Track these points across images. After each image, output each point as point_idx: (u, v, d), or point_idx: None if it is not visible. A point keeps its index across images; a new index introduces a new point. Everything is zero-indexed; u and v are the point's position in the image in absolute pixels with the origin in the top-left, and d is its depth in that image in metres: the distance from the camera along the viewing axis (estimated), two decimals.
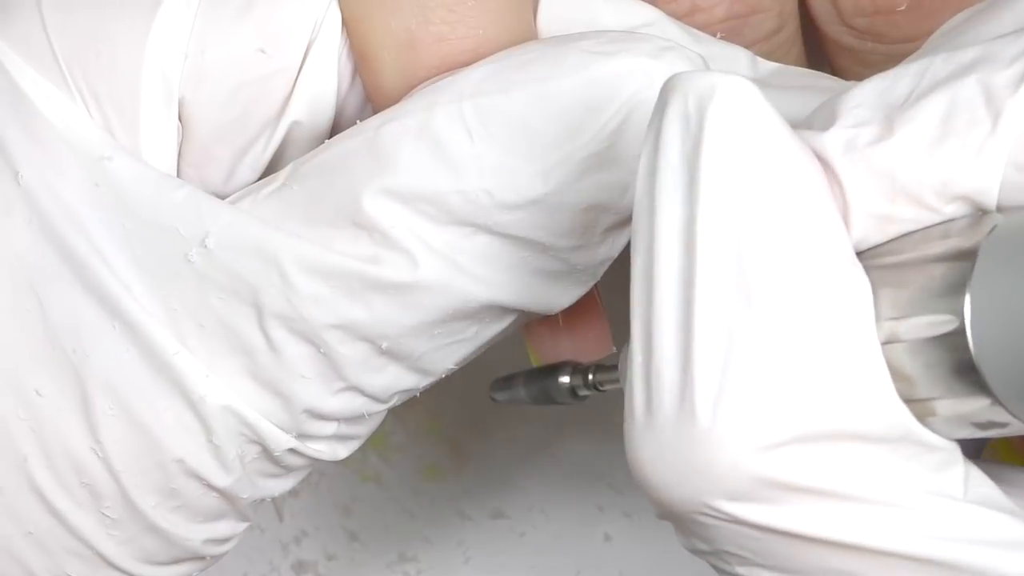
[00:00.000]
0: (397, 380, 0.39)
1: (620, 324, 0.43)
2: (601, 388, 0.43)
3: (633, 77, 0.37)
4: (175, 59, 0.39)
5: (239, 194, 0.39)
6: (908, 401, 0.32)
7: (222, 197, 0.39)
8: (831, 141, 0.33)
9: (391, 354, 0.38)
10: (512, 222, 0.37)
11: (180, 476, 0.39)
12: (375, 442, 0.60)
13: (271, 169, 0.40)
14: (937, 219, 0.33)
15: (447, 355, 0.39)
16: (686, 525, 0.33)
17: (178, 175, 0.40)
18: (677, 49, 0.38)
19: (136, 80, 0.39)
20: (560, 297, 0.39)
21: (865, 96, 0.34)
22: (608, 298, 0.43)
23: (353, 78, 0.40)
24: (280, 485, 0.41)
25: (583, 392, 0.44)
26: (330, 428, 0.40)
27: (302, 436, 0.39)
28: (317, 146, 0.40)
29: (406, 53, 0.39)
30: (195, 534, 0.40)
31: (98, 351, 0.38)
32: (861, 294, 0.32)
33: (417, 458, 0.60)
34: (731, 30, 0.44)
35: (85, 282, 0.38)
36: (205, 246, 0.38)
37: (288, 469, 0.41)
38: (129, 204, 0.38)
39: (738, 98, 0.32)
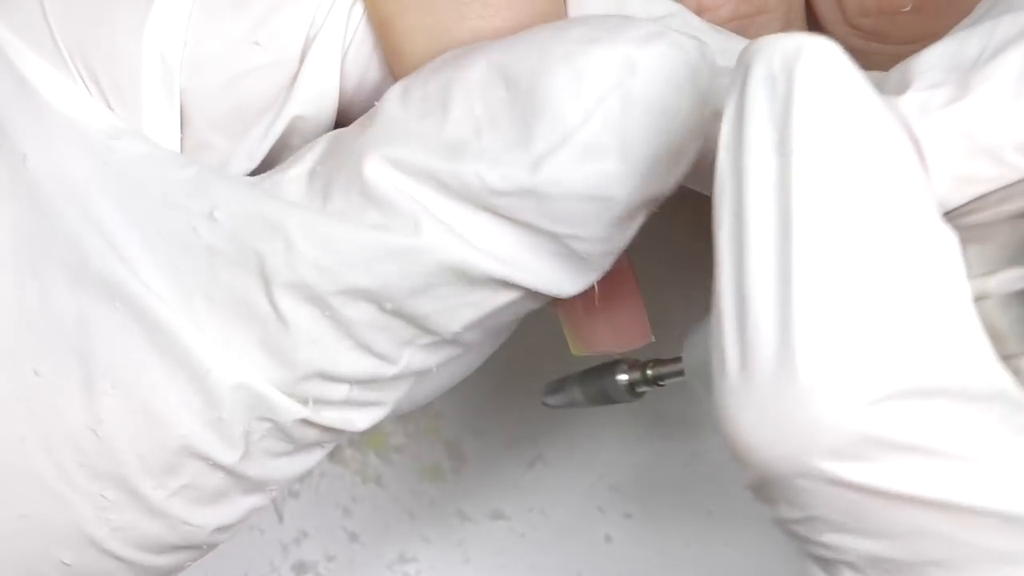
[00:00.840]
0: (405, 338, 0.39)
1: (658, 315, 0.43)
2: (660, 383, 0.43)
3: (616, 66, 0.37)
4: (174, 45, 0.39)
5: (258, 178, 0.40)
6: (1000, 358, 0.32)
7: None
8: (907, 105, 0.33)
9: (396, 314, 0.38)
10: (506, 205, 0.37)
11: (183, 456, 0.39)
12: (375, 443, 0.60)
13: (271, 159, 0.41)
14: (1017, 176, 0.33)
15: (453, 317, 0.39)
16: (779, 490, 0.33)
17: None
18: (667, 35, 0.37)
19: (136, 67, 0.39)
20: (565, 281, 0.39)
21: (935, 59, 0.34)
22: (646, 291, 0.43)
23: (362, 78, 0.40)
24: (292, 465, 0.41)
25: (642, 388, 0.44)
26: (342, 391, 0.39)
27: (315, 402, 0.39)
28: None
29: (442, 50, 0.39)
30: (196, 519, 0.40)
31: (100, 332, 0.38)
32: (951, 250, 0.32)
33: (417, 458, 0.60)
34: (737, 30, 0.44)
35: (88, 263, 0.38)
36: (213, 218, 0.38)
37: (299, 445, 0.40)
38: (137, 183, 0.38)
39: (825, 57, 0.32)
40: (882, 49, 0.45)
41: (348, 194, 0.38)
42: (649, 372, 0.43)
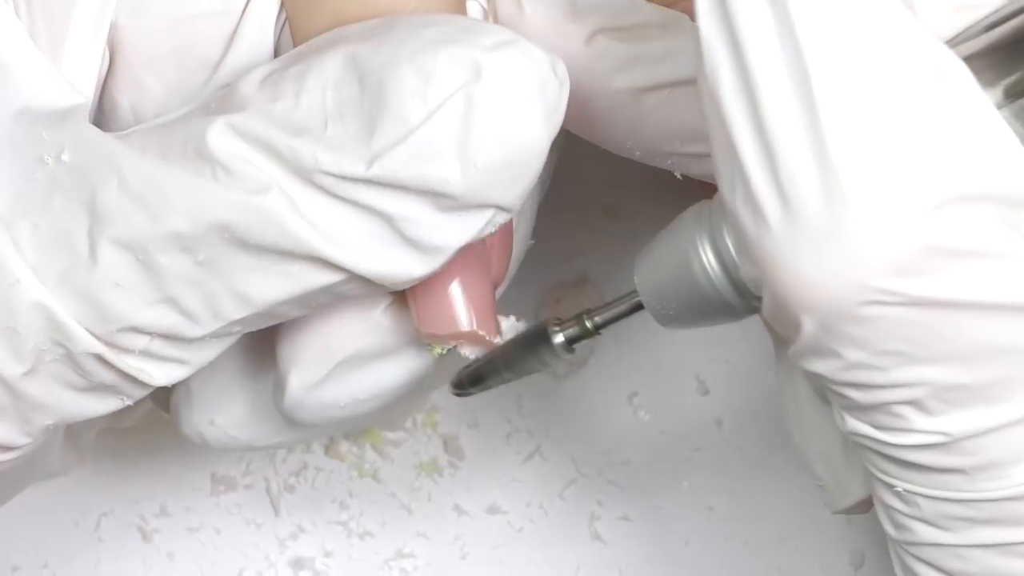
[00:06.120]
0: (214, 298, 0.38)
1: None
2: (600, 331, 0.42)
3: (462, 70, 0.37)
4: None
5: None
6: None
7: None
8: None
9: (209, 268, 0.38)
10: (336, 186, 0.37)
11: None
12: (371, 437, 0.60)
13: None
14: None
15: (271, 286, 0.38)
16: (845, 328, 0.33)
17: (108, 101, 0.41)
18: (518, 44, 0.37)
19: None
20: (391, 268, 0.38)
21: None
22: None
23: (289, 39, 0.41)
24: (80, 405, 0.40)
25: (581, 343, 0.42)
26: (142, 342, 0.39)
27: (112, 346, 0.39)
28: None
29: (327, 20, 0.39)
30: None
31: None
32: (960, 65, 0.33)
33: (414, 453, 0.60)
34: None
35: None
36: (62, 151, 0.38)
37: (93, 384, 0.40)
38: (13, 103, 0.38)
39: None
40: None
41: (185, 149, 0.37)
42: (589, 323, 0.41)
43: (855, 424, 0.35)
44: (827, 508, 0.42)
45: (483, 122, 0.37)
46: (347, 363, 0.42)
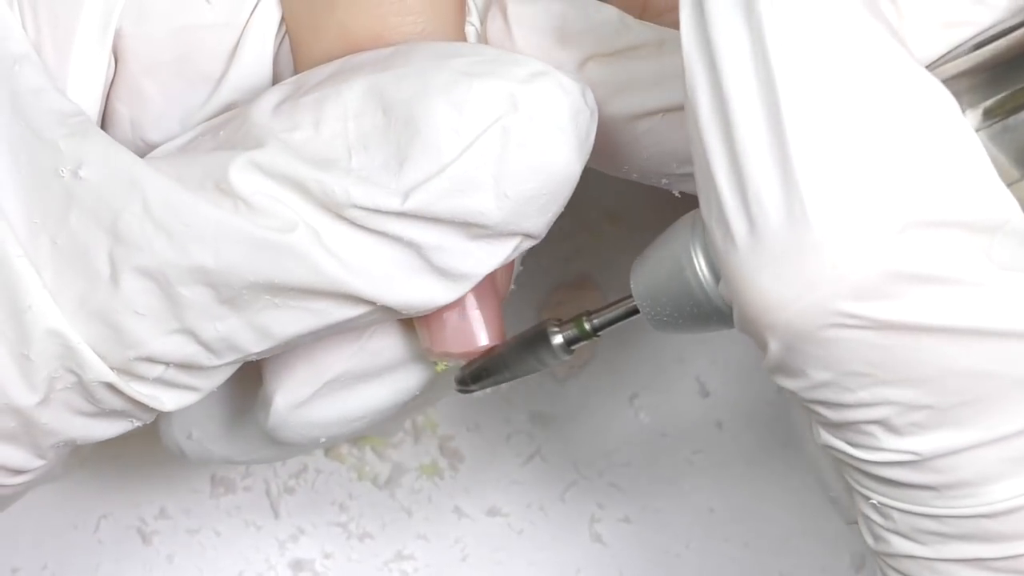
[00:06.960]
0: (234, 333, 0.38)
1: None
2: (598, 334, 0.42)
3: (498, 102, 0.37)
4: None
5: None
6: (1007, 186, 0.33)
7: (151, 147, 0.40)
8: None
9: (231, 304, 0.38)
10: (367, 219, 0.37)
11: None
12: (372, 440, 0.60)
13: None
14: (991, 20, 0.35)
15: (292, 321, 0.38)
16: (808, 349, 0.33)
17: (108, 110, 0.41)
18: (551, 75, 0.37)
19: (78, 3, 0.39)
20: (418, 296, 0.39)
21: None
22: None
23: (289, 59, 0.41)
24: (91, 429, 0.40)
25: (579, 344, 0.42)
26: (156, 370, 0.39)
27: (124, 374, 0.39)
28: None
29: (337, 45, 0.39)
30: None
31: None
32: (938, 89, 0.33)
33: (414, 455, 0.60)
34: None
35: None
36: (79, 166, 0.38)
37: (103, 411, 0.39)
38: (20, 110, 0.38)
39: None
40: None
41: (203, 183, 0.37)
42: (588, 325, 0.42)
43: (829, 439, 0.35)
44: (842, 520, 0.42)
45: (520, 154, 0.37)
46: (334, 383, 0.42)
